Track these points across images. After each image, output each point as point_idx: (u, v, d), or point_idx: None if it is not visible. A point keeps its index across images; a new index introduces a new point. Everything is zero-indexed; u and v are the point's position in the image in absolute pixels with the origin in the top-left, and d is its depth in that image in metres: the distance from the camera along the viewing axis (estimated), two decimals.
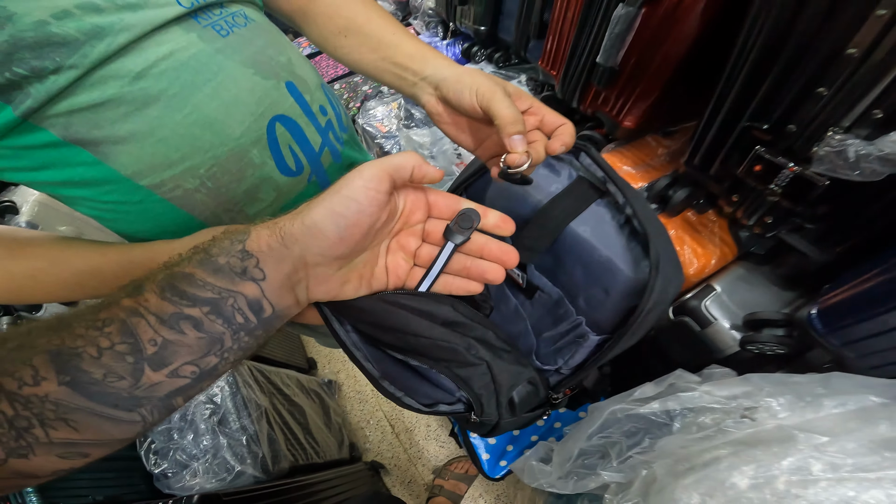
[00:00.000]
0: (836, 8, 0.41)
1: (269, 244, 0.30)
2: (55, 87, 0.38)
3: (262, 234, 0.30)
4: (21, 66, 0.37)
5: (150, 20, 0.41)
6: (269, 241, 0.30)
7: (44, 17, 0.37)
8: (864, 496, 0.38)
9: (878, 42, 0.39)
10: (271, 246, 0.30)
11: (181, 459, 0.89)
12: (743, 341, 0.60)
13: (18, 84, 0.37)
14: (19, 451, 0.25)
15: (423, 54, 0.52)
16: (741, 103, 0.52)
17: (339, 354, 1.73)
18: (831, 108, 0.44)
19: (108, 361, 0.26)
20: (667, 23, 0.59)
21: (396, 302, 0.37)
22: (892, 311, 0.42)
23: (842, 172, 0.43)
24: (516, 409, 0.46)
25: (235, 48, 0.47)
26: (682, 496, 0.42)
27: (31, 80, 0.37)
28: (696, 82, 0.65)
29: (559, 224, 0.49)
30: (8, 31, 0.36)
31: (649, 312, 0.42)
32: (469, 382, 0.42)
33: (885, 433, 0.39)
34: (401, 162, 0.33)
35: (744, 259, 0.69)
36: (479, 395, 0.43)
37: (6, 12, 0.36)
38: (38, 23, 0.37)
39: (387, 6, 1.48)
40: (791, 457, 0.38)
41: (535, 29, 0.95)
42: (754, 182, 0.53)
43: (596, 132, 0.84)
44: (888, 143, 0.40)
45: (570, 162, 0.52)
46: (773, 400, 0.40)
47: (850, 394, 0.39)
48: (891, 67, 0.39)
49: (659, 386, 0.47)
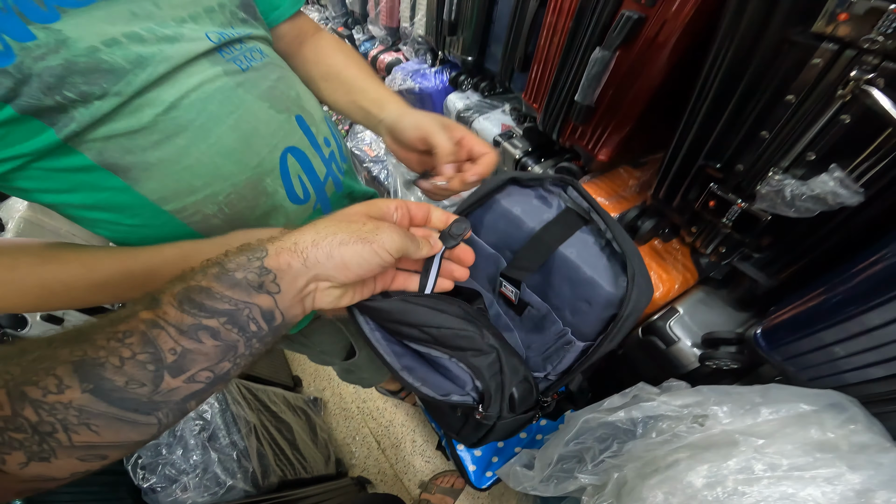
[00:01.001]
0: (778, 57, 0.46)
1: (290, 263, 0.33)
2: (99, 112, 0.40)
3: (283, 254, 0.33)
4: (71, 90, 0.39)
5: (185, 53, 0.45)
6: (290, 260, 0.33)
7: (95, 44, 0.39)
8: (801, 493, 0.43)
9: (812, 90, 0.45)
10: (291, 265, 0.33)
11: (170, 474, 0.91)
12: (701, 358, 0.66)
13: (65, 108, 0.39)
14: (41, 455, 0.27)
15: (382, 100, 0.63)
16: (698, 143, 0.58)
17: (324, 372, 1.75)
18: (772, 150, 0.50)
19: (130, 370, 0.28)
20: (638, 65, 0.66)
21: (418, 301, 0.43)
22: (824, 330, 0.49)
23: (780, 209, 0.49)
24: (515, 407, 0.51)
25: (253, 83, 0.51)
26: (649, 495, 0.47)
27: (78, 104, 0.40)
28: (664, 117, 0.72)
29: (550, 247, 0.56)
30: (63, 54, 0.38)
31: (626, 319, 0.50)
32: (481, 372, 0.48)
33: (815, 437, 0.45)
34: (414, 252, 0.39)
35: (704, 283, 0.76)
36: (489, 385, 0.48)
37: (61, 36, 0.38)
38: (90, 49, 0.39)
39: (377, 31, 1.54)
40: (736, 458, 0.44)
41: (520, 62, 1.02)
42: (709, 216, 0.60)
43: (573, 164, 0.91)
44: (818, 183, 0.45)
45: (559, 194, 0.60)
46: (718, 408, 0.46)
47: (784, 402, 0.45)
48: (823, 113, 0.45)
49: (625, 397, 0.52)
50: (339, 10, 1.78)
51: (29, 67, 0.37)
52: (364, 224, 0.36)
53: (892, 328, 0.43)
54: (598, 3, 0.64)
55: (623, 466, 0.51)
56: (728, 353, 0.63)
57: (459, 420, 0.67)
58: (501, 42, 1.00)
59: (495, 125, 1.10)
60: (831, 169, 0.44)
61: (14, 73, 0.36)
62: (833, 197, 0.43)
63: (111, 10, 0.41)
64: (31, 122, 0.39)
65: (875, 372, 0.47)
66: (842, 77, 0.41)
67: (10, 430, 0.26)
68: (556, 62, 0.80)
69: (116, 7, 0.41)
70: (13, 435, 0.26)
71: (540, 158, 1.00)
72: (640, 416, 0.49)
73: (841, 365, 0.49)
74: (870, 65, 0.39)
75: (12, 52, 0.36)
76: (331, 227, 0.35)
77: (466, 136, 0.57)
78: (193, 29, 0.46)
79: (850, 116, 0.42)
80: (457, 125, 0.58)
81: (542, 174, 0.62)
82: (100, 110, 0.41)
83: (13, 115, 0.38)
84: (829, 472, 0.43)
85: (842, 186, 0.42)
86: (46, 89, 0.38)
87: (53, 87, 0.38)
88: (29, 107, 0.38)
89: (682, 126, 0.59)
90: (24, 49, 0.37)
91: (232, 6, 0.52)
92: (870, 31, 0.38)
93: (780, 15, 0.43)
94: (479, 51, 1.12)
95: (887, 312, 0.42)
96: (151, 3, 0.44)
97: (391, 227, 0.37)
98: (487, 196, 0.62)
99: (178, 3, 0.46)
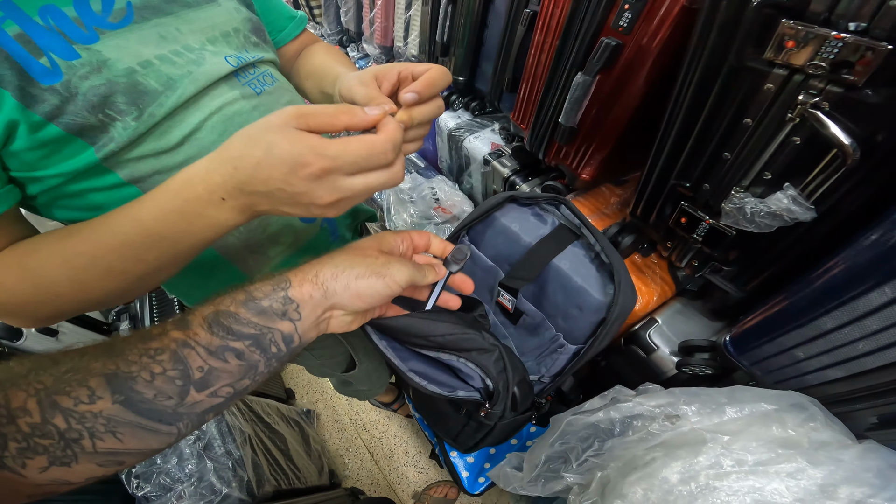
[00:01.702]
0: (736, 82, 0.50)
1: (311, 294, 0.37)
2: (136, 133, 0.43)
3: (305, 285, 0.37)
4: (113, 108, 0.41)
5: (208, 76, 0.48)
6: (312, 291, 0.37)
7: (132, 65, 0.42)
8: (767, 487, 0.46)
9: (766, 113, 0.49)
10: (312, 296, 0.37)
11: (165, 483, 0.92)
12: (678, 364, 0.70)
13: (106, 127, 0.42)
14: (63, 460, 0.28)
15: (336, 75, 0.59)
16: (670, 164, 0.62)
17: (317, 385, 1.77)
18: (734, 170, 0.54)
19: (160, 384, 0.31)
20: (617, 89, 0.70)
21: (421, 317, 0.48)
22: (784, 335, 0.53)
23: (743, 225, 0.53)
24: (517, 405, 0.56)
25: (267, 105, 0.54)
26: (629, 492, 0.50)
27: (117, 123, 0.42)
28: (642, 139, 0.76)
29: (544, 260, 0.63)
30: (105, 74, 0.41)
31: (613, 323, 0.56)
32: (489, 369, 0.53)
33: (777, 434, 0.49)
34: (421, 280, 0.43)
35: (681, 295, 0.80)
36: (497, 382, 0.53)
37: (102, 56, 0.41)
38: (128, 70, 0.42)
39: (371, 50, 1.59)
40: (706, 454, 0.47)
41: (509, 83, 1.07)
42: (682, 231, 0.65)
43: (558, 182, 0.96)
44: (774, 201, 0.50)
45: (553, 212, 0.67)
46: (687, 407, 0.49)
47: (748, 402, 0.49)
48: (776, 135, 0.49)
49: (604, 399, 0.56)
50: (334, 27, 1.82)
51: (76, 86, 0.39)
52: (377, 258, 0.41)
53: (844, 331, 0.47)
54: (580, 30, 0.69)
55: (606, 466, 0.55)
56: (702, 359, 0.67)
57: (461, 421, 0.71)
58: (491, 63, 1.04)
59: (485, 144, 1.15)
60: (785, 187, 0.48)
61: (61, 90, 0.39)
62: (788, 213, 0.48)
63: (143, 33, 0.44)
64: (74, 141, 0.41)
65: (833, 374, 0.51)
66: (791, 101, 0.45)
67: (36, 436, 0.28)
68: (542, 84, 0.84)
69: (147, 30, 0.45)
70: (39, 441, 0.28)
71: (528, 177, 1.04)
72: (618, 417, 0.52)
73: (802, 367, 0.53)
74: (816, 89, 0.43)
75: (60, 71, 0.39)
76: (347, 261, 0.39)
77: (404, 69, 0.48)
78: (213, 52, 0.50)
79: (800, 138, 0.47)
80: (391, 67, 0.48)
81: (537, 193, 0.69)
82: (136, 131, 0.43)
83: (59, 133, 0.40)
84: (791, 467, 0.47)
85: (795, 204, 0.47)
86: (91, 108, 0.40)
87: (97, 106, 0.41)
88: (74, 125, 0.40)
89: (656, 147, 0.63)
90: (71, 67, 0.39)
91: (245, 30, 0.55)
92: (814, 58, 0.42)
93: (737, 43, 0.47)
94: (469, 71, 1.16)
95: (839, 317, 0.46)
96: (175, 27, 0.47)
97: (400, 261, 0.41)
98: (487, 213, 0.69)
99: (199, 28, 0.49)
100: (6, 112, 0.38)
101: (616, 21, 0.63)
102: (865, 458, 0.46)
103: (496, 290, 0.69)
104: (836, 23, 0.40)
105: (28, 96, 0.38)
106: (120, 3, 0.44)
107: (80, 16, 0.41)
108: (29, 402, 0.28)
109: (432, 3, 1.11)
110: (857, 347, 0.47)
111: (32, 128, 0.39)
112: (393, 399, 1.59)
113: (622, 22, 0.62)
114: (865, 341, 0.45)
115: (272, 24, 0.65)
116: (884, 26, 0.37)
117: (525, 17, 0.85)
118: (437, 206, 1.27)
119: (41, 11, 0.39)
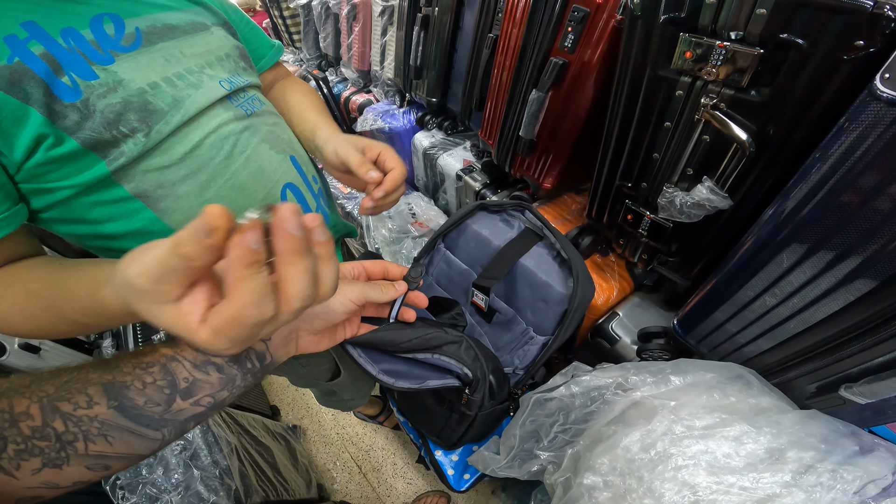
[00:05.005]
0: (656, 90, 0.56)
1: None
2: (144, 148, 0.46)
3: None
4: (126, 125, 0.45)
5: (207, 98, 0.52)
6: None
7: (143, 86, 0.46)
8: (718, 451, 0.49)
9: (680, 116, 0.55)
10: None
11: (151, 493, 0.91)
12: (638, 351, 0.76)
13: (118, 142, 0.45)
14: (56, 462, 0.30)
15: (315, 129, 0.69)
16: (613, 167, 0.69)
17: (302, 401, 1.78)
18: (663, 168, 0.61)
19: (150, 392, 0.34)
20: (567, 103, 0.78)
21: (389, 328, 0.53)
22: (716, 311, 0.59)
23: (675, 216, 0.60)
24: (495, 394, 0.63)
25: (256, 127, 0.59)
26: (596, 462, 0.54)
27: (128, 139, 0.45)
28: (594, 147, 0.84)
29: (512, 259, 0.71)
30: (120, 94, 0.44)
31: (575, 312, 0.64)
32: (462, 358, 0.58)
33: (718, 401, 0.54)
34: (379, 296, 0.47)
35: (639, 290, 0.88)
36: (474, 368, 0.58)
37: (118, 77, 0.45)
38: (140, 90, 0.46)
39: (349, 73, 1.66)
40: (659, 421, 0.52)
41: (477, 102, 1.14)
42: (629, 228, 0.72)
43: (524, 192, 1.03)
44: (696, 192, 0.56)
45: (519, 217, 0.76)
46: (637, 377, 0.55)
47: (690, 372, 0.55)
48: (691, 135, 0.55)
49: (565, 376, 0.62)
50: (313, 52, 1.89)
51: (94, 104, 0.43)
52: None
53: (763, 300, 0.53)
54: (533, 52, 0.77)
55: (575, 443, 0.59)
56: (658, 344, 0.73)
57: (444, 414, 0.77)
58: (461, 84, 1.12)
59: (458, 161, 1.22)
60: (704, 180, 0.55)
61: (81, 107, 0.42)
62: (709, 202, 0.55)
63: (151, 56, 0.49)
64: (89, 155, 0.45)
65: (764, 344, 0.57)
66: (696, 104, 0.53)
67: (35, 438, 0.30)
68: (504, 102, 0.91)
69: (154, 53, 0.49)
70: (37, 442, 0.30)
71: (497, 189, 1.11)
72: (578, 391, 0.58)
73: (738, 340, 0.60)
74: (714, 92, 0.51)
75: (80, 89, 0.42)
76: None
77: (383, 153, 0.63)
78: (211, 76, 0.54)
79: (709, 136, 0.54)
80: (374, 144, 0.63)
81: (505, 201, 0.78)
82: (145, 146, 0.47)
83: (76, 147, 0.43)
84: (735, 431, 0.50)
85: (713, 193, 0.54)
86: (107, 124, 0.44)
87: (112, 123, 0.44)
88: (90, 140, 0.44)
89: (601, 151, 0.71)
90: (89, 87, 0.43)
91: (234, 56, 0.61)
92: (707, 65, 0.49)
93: (650, 56, 0.55)
94: (441, 93, 1.23)
95: (755, 286, 0.53)
96: (178, 50, 0.52)
97: (350, 281, 0.46)
98: (460, 221, 0.78)
99: (198, 52, 0.54)
100: (34, 127, 0.41)
101: (562, 42, 0.71)
102: (807, 424, 0.50)
103: (471, 291, 0.75)
104: (720, 33, 0.48)
105: (53, 112, 0.41)
106: (130, 27, 0.48)
107: (97, 38, 0.45)
108: (31, 408, 0.30)
109: (406, 29, 1.19)
110: (778, 314, 0.52)
111: (55, 142, 0.42)
112: (378, 411, 1.61)
113: (567, 43, 0.70)
114: (782, 307, 0.51)
115: (255, 52, 0.71)
116: (755, 32, 0.45)
117: (489, 41, 0.93)
118: (414, 220, 1.33)
119: (62, 33, 0.43)
